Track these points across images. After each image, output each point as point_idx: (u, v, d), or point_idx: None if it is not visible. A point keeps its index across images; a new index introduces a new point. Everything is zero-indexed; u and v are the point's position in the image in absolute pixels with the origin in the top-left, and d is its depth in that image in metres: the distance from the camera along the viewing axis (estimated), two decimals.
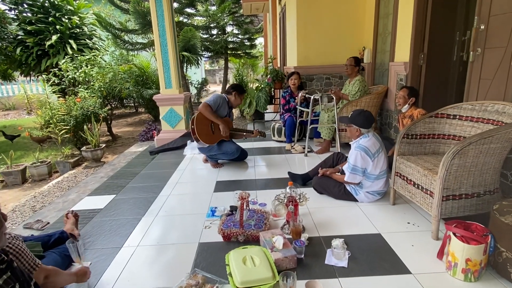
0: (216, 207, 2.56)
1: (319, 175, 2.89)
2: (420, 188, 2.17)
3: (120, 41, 7.04)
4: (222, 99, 3.53)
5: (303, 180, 3.08)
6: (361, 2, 4.73)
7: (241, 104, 5.27)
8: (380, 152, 2.53)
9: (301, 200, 2.23)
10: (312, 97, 3.95)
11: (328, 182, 2.77)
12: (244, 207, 2.21)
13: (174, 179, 3.44)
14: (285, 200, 2.18)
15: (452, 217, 2.03)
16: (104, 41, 8.01)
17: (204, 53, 12.22)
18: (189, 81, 12.95)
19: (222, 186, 3.14)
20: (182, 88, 5.09)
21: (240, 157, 3.77)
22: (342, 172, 2.72)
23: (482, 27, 2.49)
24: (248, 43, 12.36)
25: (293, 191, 2.23)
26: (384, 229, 2.21)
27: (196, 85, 13.40)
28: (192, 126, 3.37)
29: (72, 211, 2.43)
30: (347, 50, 4.90)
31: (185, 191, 3.10)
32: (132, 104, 10.93)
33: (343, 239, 1.98)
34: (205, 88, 14.26)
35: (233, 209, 2.33)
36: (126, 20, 8.00)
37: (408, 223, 2.29)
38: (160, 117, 4.95)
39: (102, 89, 5.89)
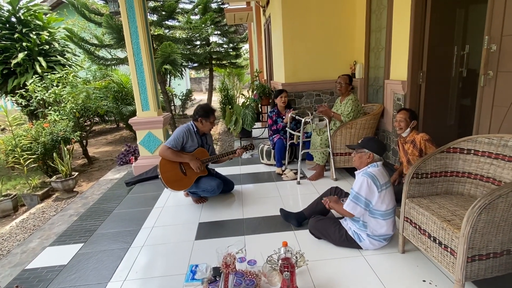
0: (197, 266, 2.16)
1: (322, 200, 2.52)
2: (437, 242, 1.83)
3: (94, 57, 6.57)
4: (187, 131, 3.06)
5: (297, 220, 2.71)
6: (350, 15, 4.45)
7: (228, 122, 4.94)
8: (389, 187, 2.20)
9: (298, 260, 1.86)
10: (303, 120, 3.61)
11: (327, 225, 2.41)
12: (230, 271, 1.83)
13: (150, 221, 3.01)
14: (279, 264, 1.80)
15: (479, 280, 1.70)
16: (79, 56, 7.50)
17: (188, 63, 11.82)
18: (173, 93, 12.52)
19: (205, 231, 2.74)
20: (161, 109, 4.67)
21: (224, 191, 3.38)
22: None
23: (494, 47, 2.20)
24: (233, 53, 12.01)
25: (288, 251, 1.85)
26: None
27: (180, 97, 12.96)
28: (159, 176, 2.95)
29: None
30: (338, 64, 4.61)
31: (162, 239, 2.68)
32: (113, 119, 10.39)
33: None
34: (189, 99, 13.82)
35: (216, 273, 1.94)
36: (103, 33, 7.54)
37: (424, 281, 1.95)
38: (138, 142, 4.51)
39: (75, 110, 5.40)
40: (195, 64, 11.27)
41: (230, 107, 6.03)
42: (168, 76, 12.61)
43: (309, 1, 4.38)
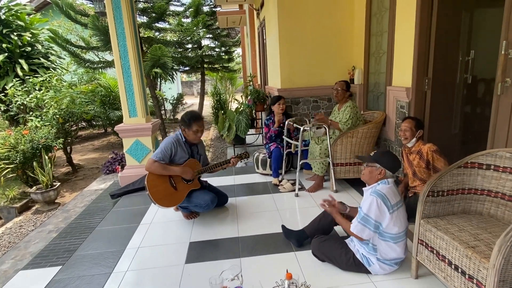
0: None
1: (320, 205, 2.29)
2: (460, 271, 1.62)
3: (80, 59, 6.26)
4: (176, 142, 2.79)
5: (298, 239, 2.47)
6: (348, 18, 4.28)
7: (221, 128, 4.69)
8: (400, 207, 1.99)
9: None
10: (301, 128, 3.40)
11: (332, 247, 2.18)
12: None
13: (136, 240, 2.74)
14: None
15: None
16: (64, 59, 7.17)
17: (179, 67, 11.54)
18: (164, 97, 12.21)
19: (196, 252, 2.48)
20: (149, 115, 4.41)
21: (218, 204, 3.13)
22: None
23: None
24: (225, 57, 11.78)
25: (293, 283, 1.62)
26: None
27: (171, 101, 12.66)
28: (147, 192, 2.69)
29: None
30: (335, 69, 4.43)
31: (148, 263, 2.40)
32: (101, 123, 10.03)
33: None
34: (180, 104, 13.52)
35: None
36: (90, 35, 7.23)
37: None
38: (124, 151, 4.23)
39: (58, 116, 5.08)
40: (187, 68, 11.00)
41: (222, 112, 5.79)
42: (159, 80, 12.31)
43: (306, 3, 4.19)
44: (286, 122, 3.82)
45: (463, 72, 3.29)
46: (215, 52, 11.81)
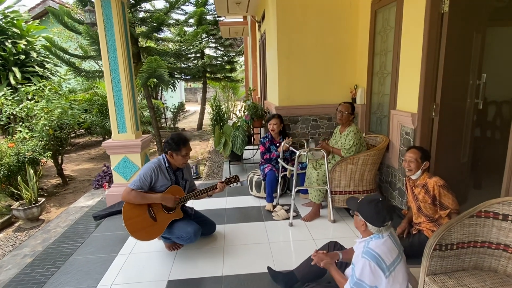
0: None
1: (312, 262, 2.03)
2: None
3: (74, 68, 6.11)
4: (157, 169, 2.54)
5: (286, 283, 2.22)
6: (352, 35, 4.06)
7: (217, 144, 4.47)
8: (399, 263, 1.71)
9: None
10: (297, 153, 3.16)
11: None
12: None
13: (110, 275, 2.49)
14: None
15: None
16: (61, 67, 7.04)
17: (181, 75, 11.40)
18: (165, 106, 12.07)
19: None
20: (140, 131, 4.20)
21: (204, 234, 2.89)
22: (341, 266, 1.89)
23: None
24: (228, 67, 11.64)
25: None
26: None
27: (172, 109, 12.51)
28: (123, 224, 2.44)
29: None
30: (337, 88, 4.20)
31: None
32: (99, 131, 9.87)
33: None
34: (182, 112, 13.36)
35: None
36: (88, 44, 7.10)
37: None
38: (112, 168, 4.01)
39: (48, 127, 4.90)
40: (188, 77, 10.85)
41: (219, 127, 5.57)
42: (160, 89, 12.19)
43: (307, 18, 3.99)
44: (283, 144, 3.59)
45: (474, 97, 3.04)
46: (218, 62, 11.68)
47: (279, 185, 3.69)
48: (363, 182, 3.23)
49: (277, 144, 3.88)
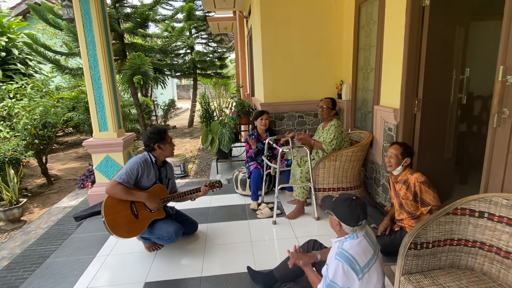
0: None
1: (290, 266, 1.99)
2: None
3: (57, 66, 5.97)
4: (143, 163, 2.48)
5: (265, 284, 2.17)
6: (337, 30, 4.01)
7: (204, 141, 4.40)
8: (373, 264, 1.66)
9: None
10: (280, 150, 3.11)
11: None
12: None
13: (85, 278, 2.43)
14: None
15: None
16: (45, 64, 6.88)
17: (171, 72, 11.25)
18: (155, 103, 11.92)
19: None
20: (123, 129, 4.11)
21: (186, 233, 2.83)
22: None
23: None
24: (218, 63, 11.51)
25: None
26: None
27: (162, 107, 12.38)
28: (102, 219, 2.38)
29: None
30: (323, 84, 4.15)
31: None
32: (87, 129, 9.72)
33: None
34: (173, 109, 13.23)
35: None
36: (72, 40, 6.94)
37: None
38: (94, 167, 3.93)
39: (29, 126, 4.78)
40: (178, 73, 10.72)
41: (205, 124, 5.49)
42: (150, 85, 12.03)
43: (292, 13, 3.92)
44: (267, 141, 3.54)
45: (457, 92, 3.02)
46: (208, 58, 11.54)
47: (264, 183, 3.64)
48: (347, 178, 3.19)
49: (263, 141, 3.83)
